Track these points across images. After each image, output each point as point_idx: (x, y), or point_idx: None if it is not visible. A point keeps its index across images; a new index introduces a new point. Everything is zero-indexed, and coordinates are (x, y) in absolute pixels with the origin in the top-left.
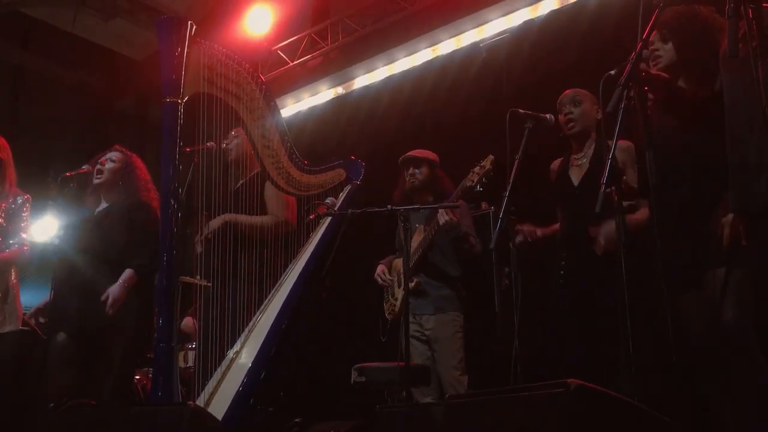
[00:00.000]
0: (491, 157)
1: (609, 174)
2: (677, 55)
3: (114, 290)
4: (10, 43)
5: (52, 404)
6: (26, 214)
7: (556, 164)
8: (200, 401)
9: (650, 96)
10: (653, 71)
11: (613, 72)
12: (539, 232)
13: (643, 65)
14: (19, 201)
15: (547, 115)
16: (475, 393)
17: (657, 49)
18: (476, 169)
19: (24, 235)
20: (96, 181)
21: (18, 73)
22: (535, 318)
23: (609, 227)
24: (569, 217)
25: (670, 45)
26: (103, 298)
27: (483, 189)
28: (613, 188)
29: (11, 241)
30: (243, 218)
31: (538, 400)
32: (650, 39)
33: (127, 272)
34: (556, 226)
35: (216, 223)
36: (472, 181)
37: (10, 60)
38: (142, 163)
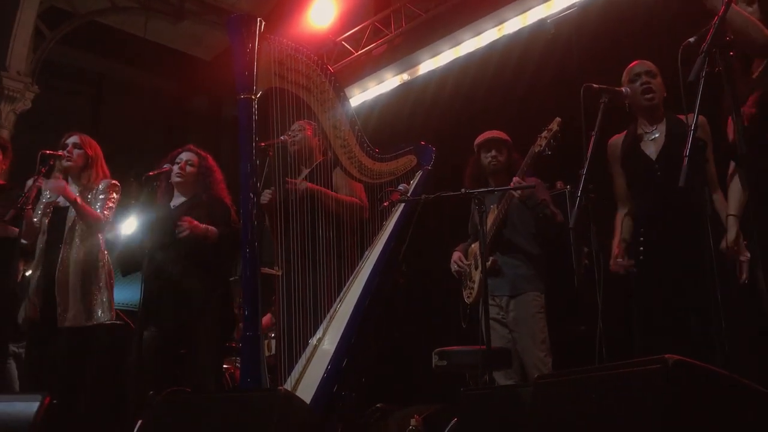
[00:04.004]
0: (558, 119)
1: (692, 146)
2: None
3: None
4: (90, 52)
5: (151, 392)
6: (107, 195)
7: (617, 141)
8: (287, 387)
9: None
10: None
11: (692, 39)
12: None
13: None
14: (101, 186)
15: (624, 89)
16: (565, 372)
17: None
18: (543, 133)
19: (105, 212)
20: (177, 180)
21: (98, 81)
22: (617, 297)
23: None
24: (649, 190)
25: (755, 7)
26: (181, 222)
27: (551, 153)
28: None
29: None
30: (332, 194)
31: (634, 377)
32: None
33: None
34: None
35: (303, 185)
36: (540, 146)
37: (91, 68)
38: (214, 161)
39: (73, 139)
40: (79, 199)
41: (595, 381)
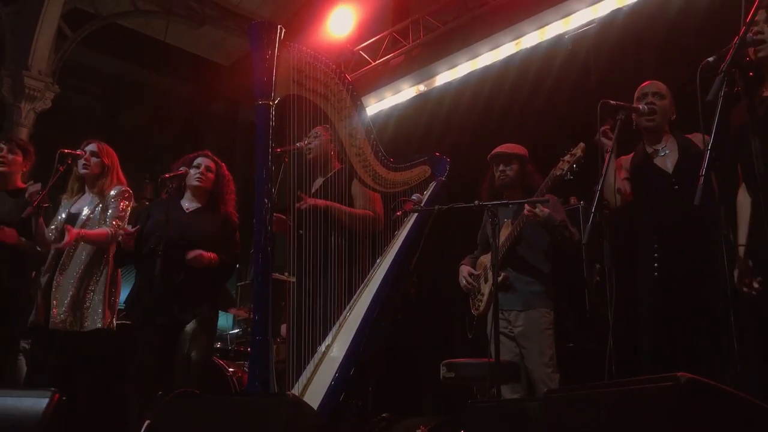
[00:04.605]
0: (582, 144)
1: (708, 165)
2: None
3: (199, 252)
4: (109, 54)
5: (160, 393)
6: (118, 204)
7: (626, 161)
8: (295, 393)
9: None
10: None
11: (711, 59)
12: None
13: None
14: (113, 192)
15: (641, 106)
16: (575, 387)
17: (761, 32)
18: (566, 157)
19: (114, 222)
20: (196, 183)
21: (118, 82)
22: (629, 314)
23: None
24: (664, 202)
25: None
26: (192, 254)
27: (573, 178)
28: None
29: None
30: (345, 208)
31: (646, 394)
32: (755, 21)
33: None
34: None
35: (305, 206)
36: (562, 170)
37: (111, 70)
38: (227, 171)
39: (90, 147)
40: (82, 233)
41: (605, 397)
